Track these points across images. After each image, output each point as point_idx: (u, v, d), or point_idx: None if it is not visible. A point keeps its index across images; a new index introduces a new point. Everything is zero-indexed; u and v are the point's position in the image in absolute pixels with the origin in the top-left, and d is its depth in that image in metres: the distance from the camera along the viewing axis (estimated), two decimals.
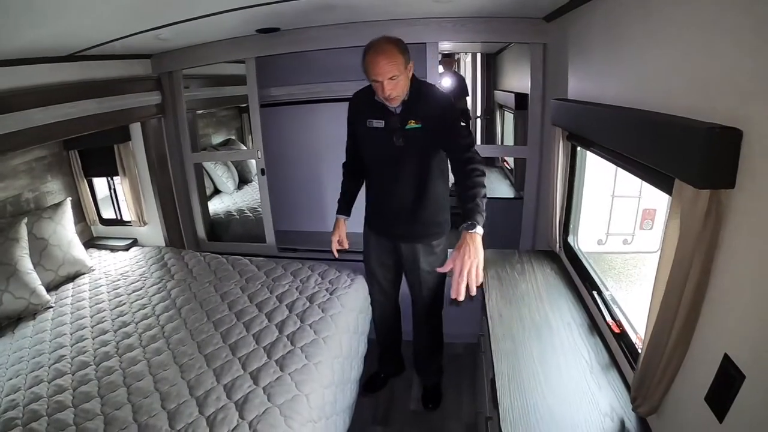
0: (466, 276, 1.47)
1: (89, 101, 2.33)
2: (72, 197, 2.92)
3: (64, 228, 2.65)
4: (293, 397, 1.63)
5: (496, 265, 2.11)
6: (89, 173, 3.07)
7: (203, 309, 2.23)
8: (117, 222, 3.25)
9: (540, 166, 2.58)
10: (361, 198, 2.27)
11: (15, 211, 2.59)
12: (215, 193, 4.18)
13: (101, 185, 3.21)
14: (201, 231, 3.26)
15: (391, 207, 2.12)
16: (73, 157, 2.97)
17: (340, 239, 2.24)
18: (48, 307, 2.34)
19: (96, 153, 2.97)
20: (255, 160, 2.92)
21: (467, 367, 2.75)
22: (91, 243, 3.13)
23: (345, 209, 2.27)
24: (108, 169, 3.04)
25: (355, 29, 2.42)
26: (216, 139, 4.51)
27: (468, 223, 1.59)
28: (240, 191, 4.32)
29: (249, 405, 1.58)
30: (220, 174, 4.15)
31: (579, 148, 1.88)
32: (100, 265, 2.83)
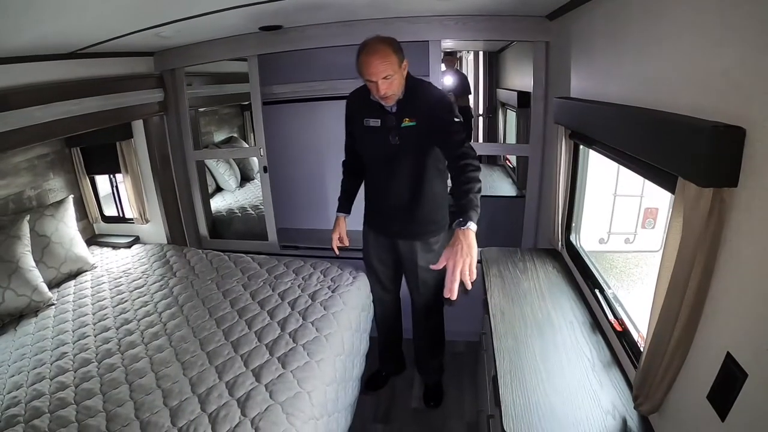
0: (459, 274, 1.43)
1: (91, 99, 2.32)
2: (74, 195, 2.93)
3: (66, 225, 2.65)
4: (295, 395, 1.63)
5: (498, 263, 2.11)
6: (91, 171, 3.07)
7: (205, 306, 2.24)
8: (119, 219, 3.26)
9: (542, 164, 2.58)
10: (362, 196, 2.28)
11: (17, 209, 2.60)
12: (217, 191, 4.18)
13: (103, 183, 3.22)
14: (203, 228, 3.26)
15: (389, 205, 2.13)
16: (76, 155, 2.98)
17: (340, 237, 2.27)
18: (50, 305, 2.35)
19: (98, 150, 2.97)
20: (257, 157, 2.92)
21: (469, 365, 2.76)
22: (93, 240, 3.14)
23: (345, 207, 2.29)
24: (110, 167, 3.05)
25: (358, 27, 2.41)
26: (218, 137, 4.52)
27: (460, 220, 1.55)
28: (242, 189, 4.32)
29: (251, 402, 1.58)
30: (222, 171, 4.15)
31: (581, 146, 1.88)
32: (102, 263, 2.84)
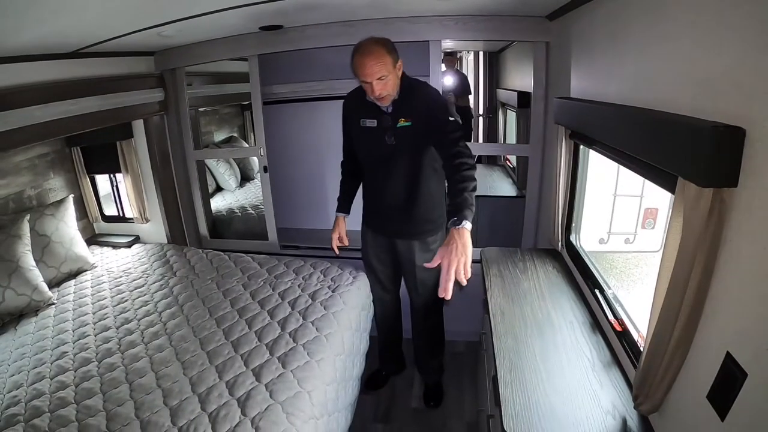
0: (453, 274, 1.42)
1: (91, 98, 2.33)
2: (74, 194, 2.93)
3: (66, 225, 2.65)
4: (295, 394, 1.63)
5: (498, 263, 2.11)
6: (92, 170, 3.07)
7: (205, 306, 2.24)
8: (119, 219, 3.25)
9: (542, 164, 2.58)
10: (360, 196, 2.28)
11: (17, 208, 2.60)
12: (217, 191, 4.18)
13: (104, 182, 3.21)
14: (203, 228, 3.26)
15: (386, 204, 2.13)
16: (76, 154, 2.98)
17: (340, 237, 2.28)
18: (50, 304, 2.35)
19: (98, 150, 2.97)
20: (257, 157, 2.92)
21: (469, 365, 2.76)
22: (94, 240, 3.14)
23: (344, 207, 2.30)
24: (110, 166, 3.04)
25: (358, 27, 2.41)
26: (218, 137, 4.51)
27: (454, 219, 1.55)
28: (242, 188, 4.32)
29: (251, 402, 1.58)
30: (222, 171, 4.15)
31: (581, 146, 1.88)
32: (102, 262, 2.84)
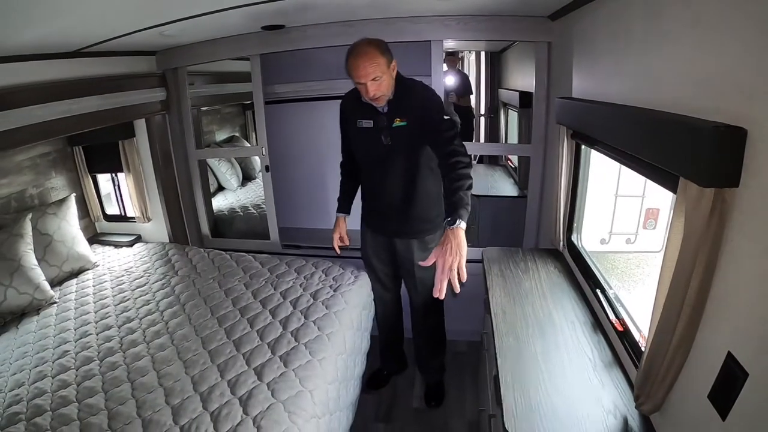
0: (448, 274, 1.43)
1: (93, 98, 2.33)
2: (76, 193, 2.93)
3: (68, 224, 2.66)
4: (297, 393, 1.63)
5: (499, 263, 2.11)
6: (93, 169, 3.08)
7: (207, 305, 2.24)
8: (121, 218, 3.26)
9: (544, 164, 2.58)
10: (360, 195, 2.29)
11: (19, 207, 2.60)
12: (219, 190, 4.18)
13: (105, 181, 3.22)
14: (205, 227, 3.27)
15: (384, 204, 2.14)
16: (78, 153, 2.98)
17: (341, 236, 2.29)
18: (52, 303, 2.35)
19: (100, 149, 2.97)
20: (259, 156, 2.92)
21: (470, 365, 2.76)
22: (95, 239, 3.15)
23: (344, 207, 2.31)
24: (112, 166, 3.05)
25: (360, 27, 2.41)
26: (220, 136, 4.52)
27: (449, 219, 1.56)
28: (243, 188, 4.33)
29: (253, 400, 1.59)
30: (223, 171, 4.16)
31: (583, 146, 1.88)
32: (104, 261, 2.84)
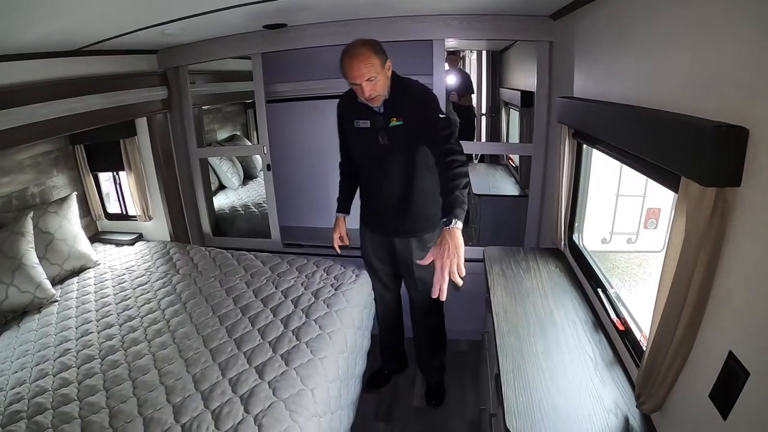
0: (447, 274, 1.43)
1: (95, 96, 2.33)
2: (78, 192, 2.93)
3: (69, 222, 2.66)
4: (298, 392, 1.63)
5: (501, 262, 2.11)
6: (95, 168, 3.08)
7: (208, 303, 2.24)
8: (122, 217, 3.26)
9: (545, 163, 2.58)
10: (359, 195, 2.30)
11: (21, 206, 2.61)
12: (220, 189, 4.18)
13: (107, 180, 3.22)
14: (206, 226, 3.27)
15: (382, 203, 2.15)
16: (79, 152, 2.99)
17: (341, 236, 2.30)
18: (53, 301, 2.36)
19: (102, 148, 2.98)
20: (261, 155, 2.92)
21: (471, 364, 2.76)
22: (97, 237, 3.15)
23: (344, 207, 2.32)
24: (114, 164, 3.06)
25: (362, 26, 2.41)
26: (221, 135, 4.52)
27: (444, 220, 1.56)
28: (245, 187, 4.33)
29: (254, 399, 1.59)
30: (225, 169, 4.16)
31: (584, 145, 1.88)
32: (105, 260, 2.85)
